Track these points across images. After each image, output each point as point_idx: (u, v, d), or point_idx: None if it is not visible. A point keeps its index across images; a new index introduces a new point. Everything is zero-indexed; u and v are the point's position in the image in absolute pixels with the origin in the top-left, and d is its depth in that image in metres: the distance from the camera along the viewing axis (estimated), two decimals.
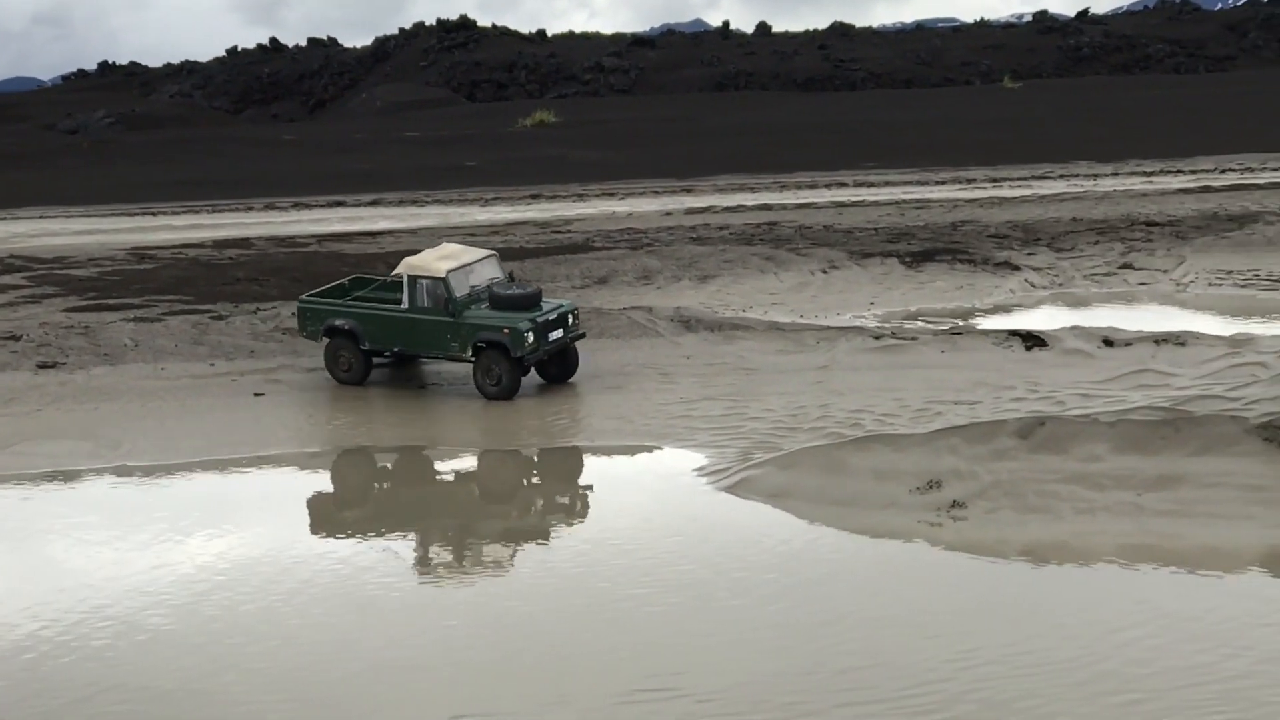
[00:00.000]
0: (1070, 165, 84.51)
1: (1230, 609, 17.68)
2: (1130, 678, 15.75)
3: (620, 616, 18.10)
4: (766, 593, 18.83)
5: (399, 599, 19.12)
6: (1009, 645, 16.69)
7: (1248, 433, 22.01)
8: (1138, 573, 19.15)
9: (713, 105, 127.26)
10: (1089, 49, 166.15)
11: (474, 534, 22.43)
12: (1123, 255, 46.53)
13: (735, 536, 21.40)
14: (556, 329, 30.38)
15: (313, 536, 22.40)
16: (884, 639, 17.01)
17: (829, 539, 21.19)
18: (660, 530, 21.91)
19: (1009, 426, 23.24)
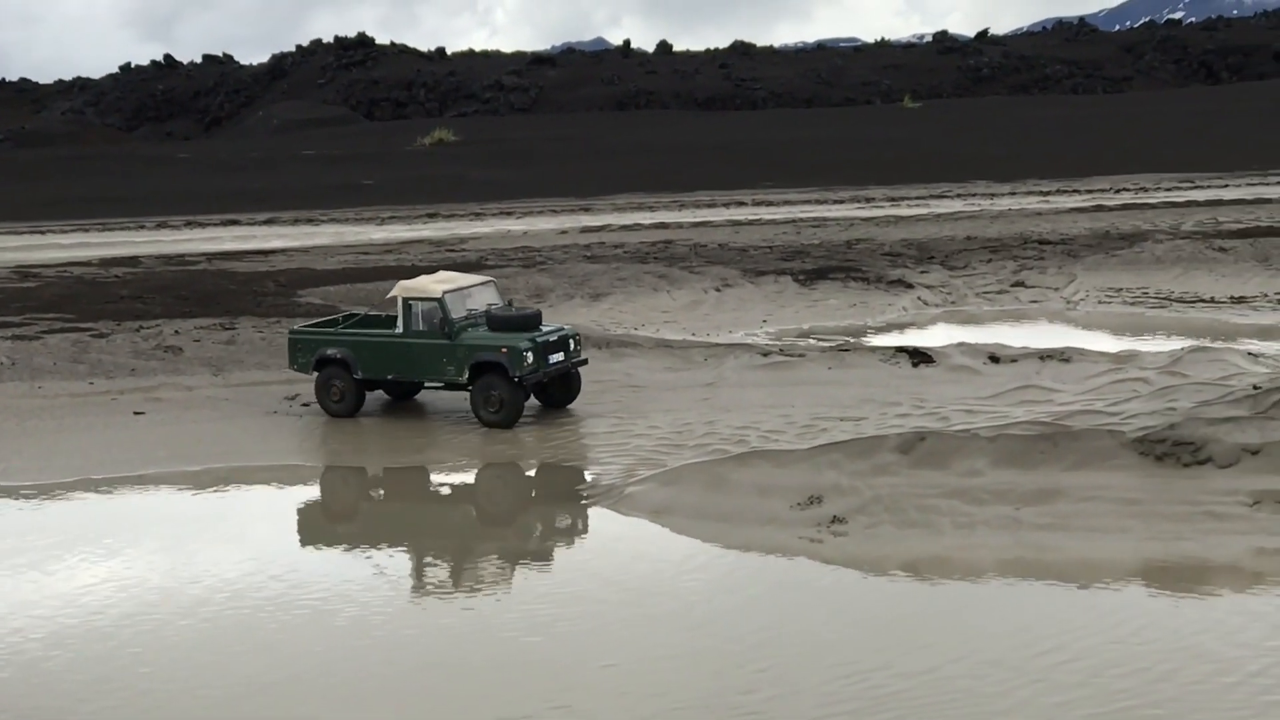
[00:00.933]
0: (968, 185, 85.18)
1: (1105, 623, 17.62)
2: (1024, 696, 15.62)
3: (492, 641, 17.72)
4: (653, 613, 18.58)
5: (274, 618, 18.77)
6: (899, 665, 16.52)
7: (1124, 447, 22.06)
8: (1016, 587, 19.07)
9: (613, 124, 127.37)
10: (988, 69, 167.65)
11: (350, 555, 22.08)
12: (1015, 273, 46.84)
13: (617, 555, 21.22)
14: (558, 351, 29.30)
15: (189, 556, 22.00)
16: (770, 662, 16.73)
17: (709, 556, 21.04)
18: (538, 550, 21.72)
19: (890, 442, 23.18)
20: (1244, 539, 20.16)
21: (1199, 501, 21.02)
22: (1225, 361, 29.54)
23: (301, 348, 30.56)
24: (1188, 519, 20.75)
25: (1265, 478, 21.15)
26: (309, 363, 30.41)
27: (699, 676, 16.22)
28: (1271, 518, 20.55)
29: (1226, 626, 17.17)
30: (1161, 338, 36.70)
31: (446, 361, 29.05)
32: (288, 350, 31.14)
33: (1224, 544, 20.08)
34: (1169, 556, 19.89)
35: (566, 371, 29.74)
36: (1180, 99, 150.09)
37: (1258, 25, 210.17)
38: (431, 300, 29.21)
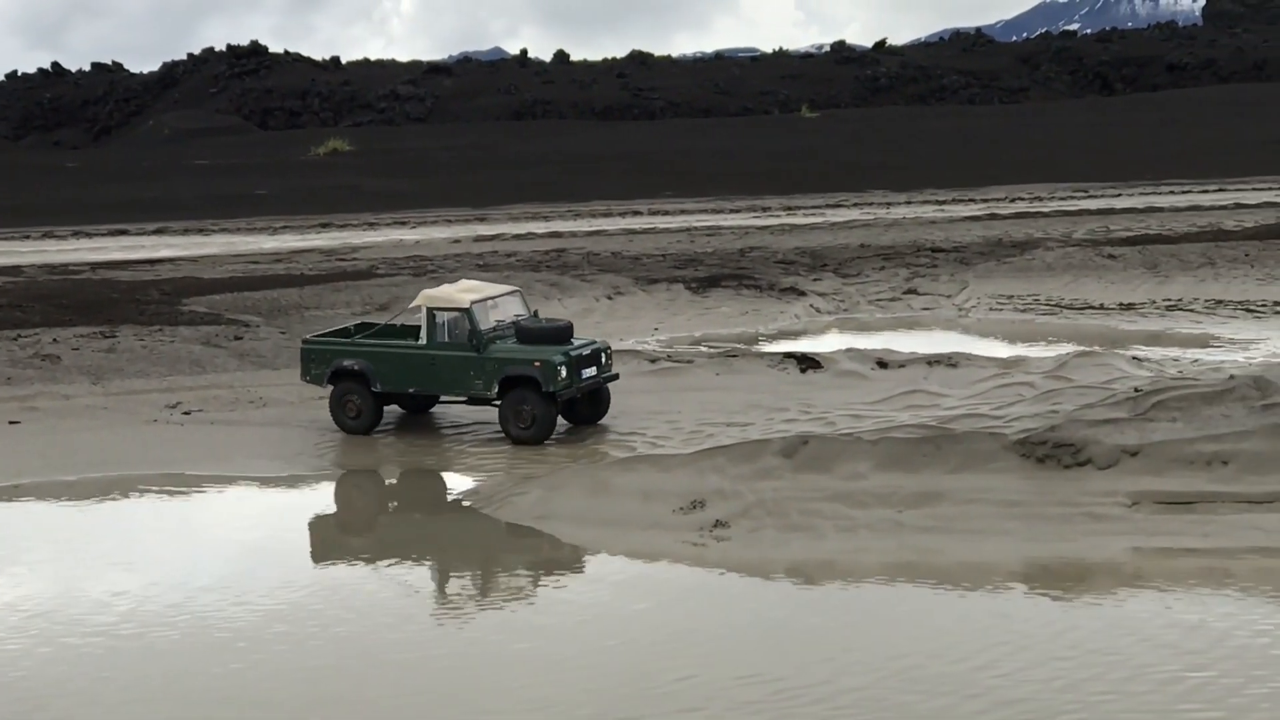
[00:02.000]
0: (866, 194, 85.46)
1: (989, 622, 17.61)
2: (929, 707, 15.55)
3: (363, 657, 17.41)
4: (537, 623, 18.37)
5: (132, 632, 18.44)
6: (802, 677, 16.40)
7: (1006, 449, 22.11)
8: (904, 590, 19.03)
9: (510, 134, 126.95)
10: (886, 79, 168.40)
11: (226, 566, 21.75)
12: (907, 281, 46.96)
13: (498, 563, 21.10)
14: (590, 366, 27.72)
15: (67, 568, 21.63)
16: (675, 672, 16.51)
17: (593, 562, 20.92)
18: (415, 560, 21.49)
19: (773, 446, 23.11)
20: (1122, 539, 20.31)
21: (1079, 502, 21.14)
22: (1110, 366, 29.64)
23: (315, 359, 28.80)
24: (1068, 520, 20.86)
25: (1143, 478, 21.28)
26: (323, 375, 28.63)
27: (602, 688, 16.03)
28: (1149, 518, 20.68)
29: (1122, 627, 17.21)
30: (1051, 344, 36.85)
31: (474, 375, 27.47)
32: (300, 361, 29.24)
33: (1103, 544, 20.21)
34: (1050, 557, 20.00)
35: (598, 387, 28.27)
36: (1076, 109, 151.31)
37: (1151, 37, 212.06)
38: (459, 310, 27.64)
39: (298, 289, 41.79)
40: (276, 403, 31.01)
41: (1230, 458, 21.31)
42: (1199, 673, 15.57)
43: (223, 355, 34.11)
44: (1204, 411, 22.46)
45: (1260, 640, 16.49)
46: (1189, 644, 16.43)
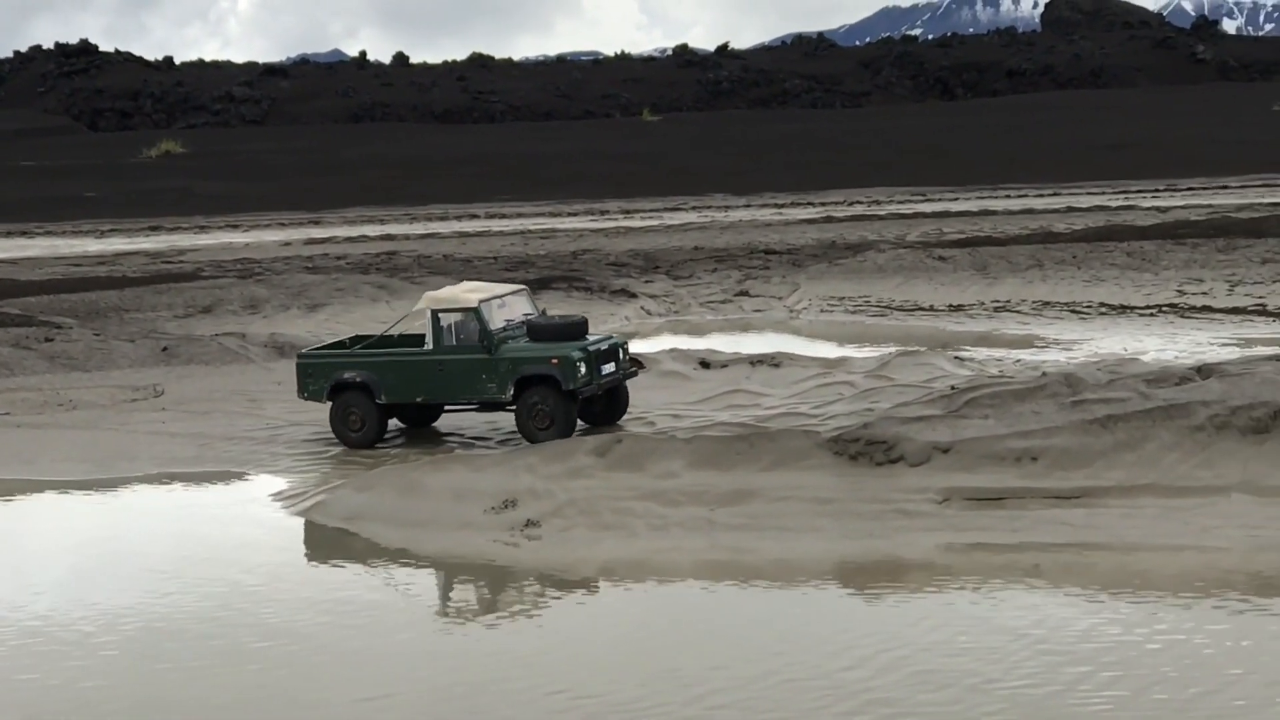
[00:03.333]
0: (705, 197, 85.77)
1: (805, 620, 17.51)
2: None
3: (160, 670, 16.95)
4: (352, 623, 17.99)
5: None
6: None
7: (819, 447, 22.06)
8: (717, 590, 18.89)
9: (348, 137, 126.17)
10: (728, 83, 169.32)
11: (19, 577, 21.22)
12: (740, 282, 47.08)
13: (306, 567, 20.72)
14: (609, 362, 26.48)
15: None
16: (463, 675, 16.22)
17: (403, 562, 20.63)
18: (220, 561, 21.05)
19: (586, 445, 22.97)
20: (933, 535, 20.28)
21: (890, 499, 21.10)
22: (930, 365, 29.82)
23: (313, 373, 27.10)
24: (879, 517, 20.81)
25: (955, 475, 21.30)
26: (322, 389, 26.90)
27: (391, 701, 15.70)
28: (959, 514, 20.70)
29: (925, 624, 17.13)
30: (878, 345, 36.99)
31: (487, 378, 26.04)
32: (296, 378, 27.51)
33: (914, 541, 20.18)
34: (862, 555, 19.94)
35: (617, 385, 27.10)
36: (917, 114, 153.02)
37: (991, 43, 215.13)
38: (466, 310, 26.30)
39: (118, 291, 41.07)
40: (87, 405, 30.37)
41: (1040, 454, 21.39)
42: (1002, 668, 15.50)
43: (32, 357, 33.41)
44: (1016, 408, 22.55)
45: (1066, 634, 16.44)
46: (991, 641, 16.38)
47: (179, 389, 31.22)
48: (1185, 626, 16.43)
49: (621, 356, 27.07)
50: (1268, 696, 14.29)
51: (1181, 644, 15.87)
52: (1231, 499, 20.21)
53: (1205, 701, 14.25)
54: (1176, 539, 19.50)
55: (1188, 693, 14.46)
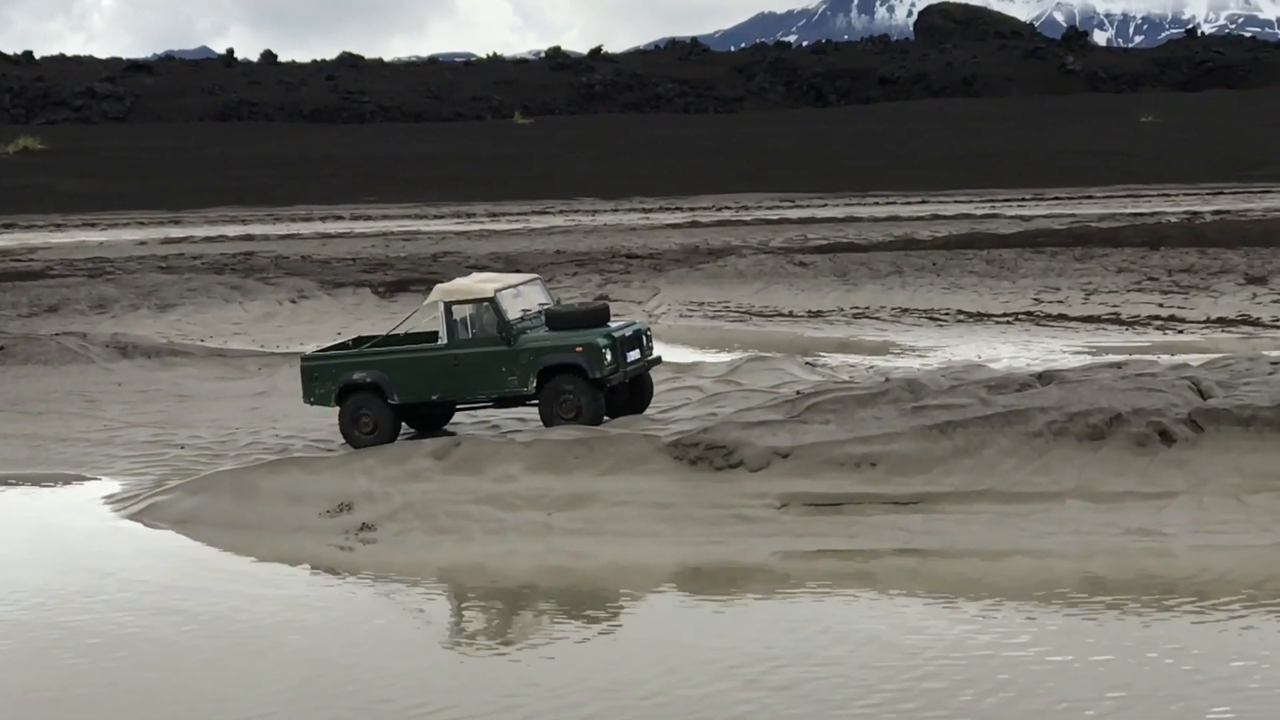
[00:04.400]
0: (574, 201, 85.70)
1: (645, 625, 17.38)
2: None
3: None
4: (155, 635, 17.60)
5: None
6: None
7: (659, 451, 21.96)
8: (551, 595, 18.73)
9: (214, 135, 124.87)
10: (601, 87, 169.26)
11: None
12: (600, 286, 46.98)
13: (136, 570, 20.29)
14: (633, 349, 25.21)
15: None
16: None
17: (235, 567, 20.29)
18: (40, 564, 20.62)
19: (425, 447, 22.79)
20: (771, 541, 20.28)
21: (729, 504, 21.04)
22: (781, 370, 29.76)
23: (320, 376, 25.49)
24: (717, 522, 20.76)
25: (794, 480, 21.26)
26: (330, 393, 25.33)
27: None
28: (797, 520, 20.67)
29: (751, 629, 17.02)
30: (735, 350, 36.95)
31: (507, 371, 24.61)
32: (302, 382, 25.90)
33: (752, 546, 20.16)
34: (699, 560, 19.89)
35: (640, 373, 25.82)
36: (790, 120, 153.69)
37: (865, 50, 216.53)
38: (481, 301, 24.88)
39: None
40: None
41: (879, 459, 21.38)
42: (830, 672, 15.42)
43: None
44: (858, 414, 22.52)
45: (909, 639, 16.38)
46: (823, 647, 16.29)
47: (14, 389, 30.64)
48: (1020, 633, 16.45)
49: (645, 343, 25.85)
50: (1095, 697, 14.29)
51: (1016, 650, 15.87)
52: (1066, 505, 20.32)
53: (1029, 704, 14.21)
54: (1012, 545, 19.59)
55: (1025, 700, 14.41)
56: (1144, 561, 18.86)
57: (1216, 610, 16.76)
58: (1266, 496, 20.12)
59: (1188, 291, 45.06)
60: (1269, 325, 40.41)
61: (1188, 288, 45.60)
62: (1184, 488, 20.37)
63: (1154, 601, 17.28)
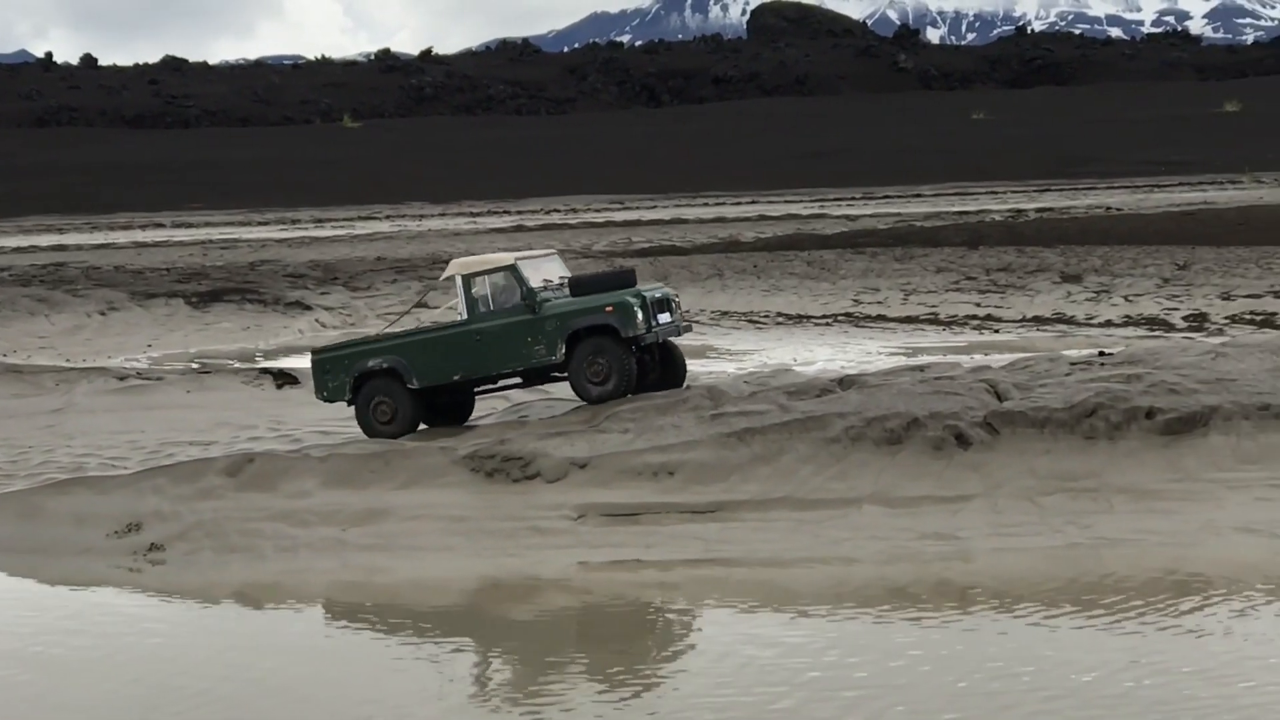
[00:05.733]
0: (402, 205, 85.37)
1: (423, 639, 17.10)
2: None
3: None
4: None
5: None
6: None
7: (455, 463, 21.74)
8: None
9: (31, 142, 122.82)
10: (431, 89, 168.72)
11: None
12: (419, 294, 46.58)
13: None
14: (664, 311, 23.88)
15: None
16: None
17: (11, 591, 19.80)
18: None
19: (217, 465, 22.33)
20: (568, 552, 20.09)
21: (525, 517, 20.85)
22: None
23: (331, 368, 24.20)
24: (513, 535, 20.56)
25: (591, 491, 21.13)
26: (344, 385, 24.04)
27: None
28: (594, 531, 20.52)
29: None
30: None
31: (533, 341, 23.37)
32: (313, 377, 24.72)
33: (549, 559, 19.97)
34: (496, 573, 19.71)
35: (671, 344, 24.77)
36: (622, 121, 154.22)
37: (697, 50, 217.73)
38: (502, 270, 23.67)
39: None
40: None
41: (677, 468, 21.28)
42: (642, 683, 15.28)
43: None
44: (657, 422, 22.41)
45: (715, 647, 16.34)
46: (635, 655, 16.16)
47: None
48: (818, 639, 16.41)
49: (674, 308, 24.49)
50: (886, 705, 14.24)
51: (812, 656, 15.81)
52: (863, 510, 20.33)
53: (821, 711, 14.11)
54: (808, 552, 19.54)
55: (815, 706, 14.31)
56: (941, 565, 18.87)
57: (1015, 612, 16.83)
58: (1059, 498, 20.27)
59: (1005, 290, 45.63)
60: (1082, 323, 40.99)
61: (1005, 287, 46.18)
62: (979, 491, 20.47)
63: (952, 605, 17.33)
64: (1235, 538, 19.04)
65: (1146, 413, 21.32)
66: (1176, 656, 15.01)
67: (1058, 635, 16.04)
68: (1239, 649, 15.17)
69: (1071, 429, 21.22)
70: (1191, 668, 14.64)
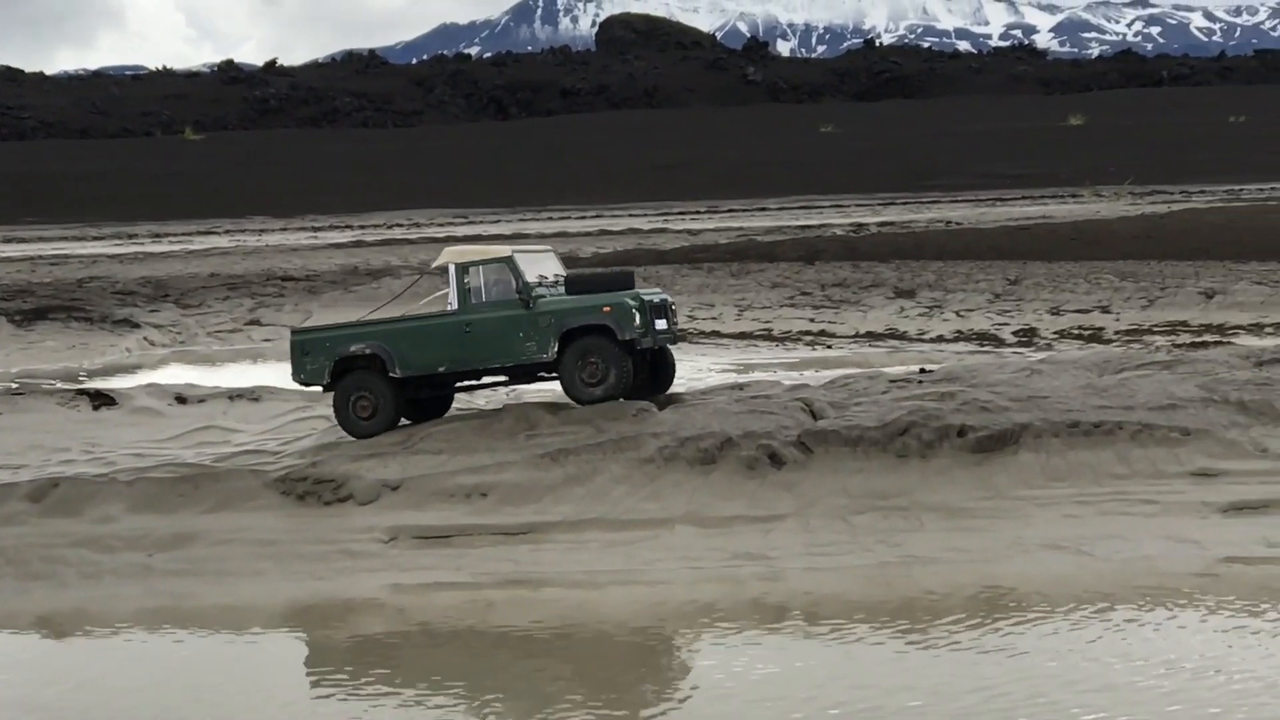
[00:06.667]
0: (244, 220, 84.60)
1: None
2: None
3: None
4: None
5: None
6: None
7: (267, 486, 21.52)
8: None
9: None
10: (276, 101, 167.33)
11: None
12: (251, 311, 46.26)
13: None
14: (661, 317, 23.18)
15: None
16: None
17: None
18: None
19: (20, 490, 21.90)
20: (379, 576, 19.94)
21: (336, 540, 20.70)
22: None
23: (312, 350, 23.34)
24: (324, 558, 20.39)
25: (402, 513, 21.05)
26: (323, 369, 23.16)
27: None
28: (406, 553, 20.41)
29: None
30: None
31: (524, 336, 22.65)
32: (291, 357, 23.78)
33: (360, 582, 19.83)
34: (308, 597, 19.48)
35: (662, 347, 23.86)
36: (470, 134, 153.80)
37: (546, 62, 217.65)
38: (497, 262, 23.03)
39: None
40: None
41: (490, 489, 21.25)
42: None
43: None
44: (471, 443, 22.35)
45: (542, 671, 16.28)
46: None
47: None
48: (634, 659, 16.51)
49: (671, 315, 23.89)
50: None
51: (618, 674, 15.91)
52: (676, 531, 20.35)
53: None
54: (620, 573, 19.47)
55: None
56: (752, 586, 18.88)
57: (824, 632, 16.92)
58: (871, 516, 20.41)
59: (839, 306, 45.96)
60: (914, 338, 41.33)
61: (840, 302, 46.51)
62: (792, 510, 20.57)
63: (763, 625, 17.37)
64: (1042, 554, 19.23)
65: (958, 431, 21.54)
66: (985, 673, 15.13)
67: (867, 653, 16.14)
68: (1041, 666, 15.29)
69: (884, 447, 21.39)
70: (999, 683, 14.77)
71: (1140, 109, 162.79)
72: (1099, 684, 14.57)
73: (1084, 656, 15.47)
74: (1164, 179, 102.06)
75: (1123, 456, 21.35)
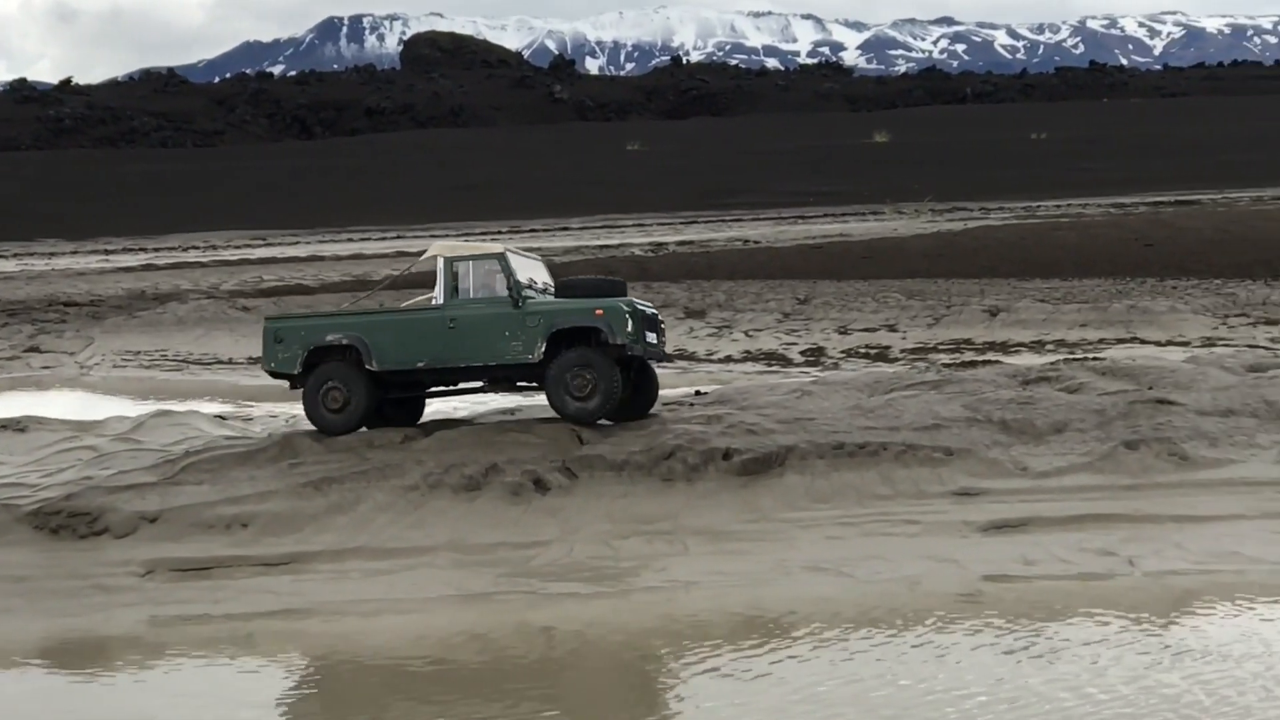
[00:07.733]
0: (32, 243, 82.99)
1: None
2: None
3: None
4: None
5: None
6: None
7: (19, 521, 21.03)
8: None
9: None
10: (70, 120, 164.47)
11: None
12: (31, 338, 45.38)
13: None
14: (652, 330, 22.43)
15: None
16: None
17: None
18: None
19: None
20: (135, 610, 19.51)
21: (90, 574, 20.26)
22: (187, 425, 28.66)
23: (285, 338, 22.51)
24: (77, 594, 19.92)
25: (161, 545, 20.70)
26: (295, 358, 22.31)
27: None
28: (161, 586, 20.04)
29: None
30: (164, 401, 35.77)
31: (510, 335, 21.77)
32: (263, 344, 22.93)
33: (115, 617, 19.38)
34: (61, 634, 19.01)
35: (645, 365, 22.97)
36: (271, 154, 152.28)
37: (350, 81, 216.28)
38: (489, 258, 22.16)
39: None
40: None
41: (251, 519, 20.95)
42: None
43: None
44: (234, 473, 22.06)
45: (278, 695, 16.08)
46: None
47: None
48: (391, 689, 16.30)
49: (660, 331, 23.16)
50: None
51: (366, 706, 15.71)
52: (438, 558, 20.21)
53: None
54: (383, 602, 19.28)
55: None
56: (518, 611, 18.79)
57: (586, 656, 17.11)
58: (635, 541, 20.44)
59: None
60: (703, 359, 41.45)
61: None
62: (556, 535, 20.55)
63: (530, 652, 17.35)
64: (805, 576, 19.32)
65: (724, 454, 21.66)
66: (745, 695, 15.18)
67: (629, 677, 16.32)
68: (804, 685, 15.37)
69: (649, 471, 21.46)
70: (760, 706, 14.83)
71: (944, 126, 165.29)
72: (861, 708, 14.66)
73: (843, 680, 15.54)
74: (965, 195, 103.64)
75: (886, 477, 21.61)
